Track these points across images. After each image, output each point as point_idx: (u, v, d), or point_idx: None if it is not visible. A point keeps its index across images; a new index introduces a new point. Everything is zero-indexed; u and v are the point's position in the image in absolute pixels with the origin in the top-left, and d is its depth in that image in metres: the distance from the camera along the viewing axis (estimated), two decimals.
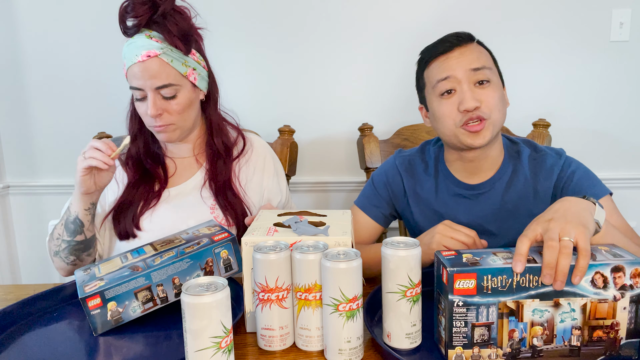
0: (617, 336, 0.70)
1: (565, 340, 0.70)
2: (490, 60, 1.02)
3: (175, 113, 1.05)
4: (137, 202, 1.11)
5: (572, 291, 0.69)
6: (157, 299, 0.83)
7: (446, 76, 0.98)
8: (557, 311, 0.70)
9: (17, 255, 1.85)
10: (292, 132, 1.52)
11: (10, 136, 1.77)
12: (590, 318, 0.70)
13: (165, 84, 1.02)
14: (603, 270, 0.69)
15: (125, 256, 0.92)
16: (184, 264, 0.84)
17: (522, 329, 0.70)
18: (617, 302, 0.69)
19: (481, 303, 0.69)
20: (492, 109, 0.97)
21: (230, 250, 0.87)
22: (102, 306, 0.80)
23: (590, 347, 0.71)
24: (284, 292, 0.74)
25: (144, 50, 1.00)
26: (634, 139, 1.69)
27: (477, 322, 0.69)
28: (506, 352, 0.70)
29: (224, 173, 1.13)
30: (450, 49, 0.99)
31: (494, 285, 0.69)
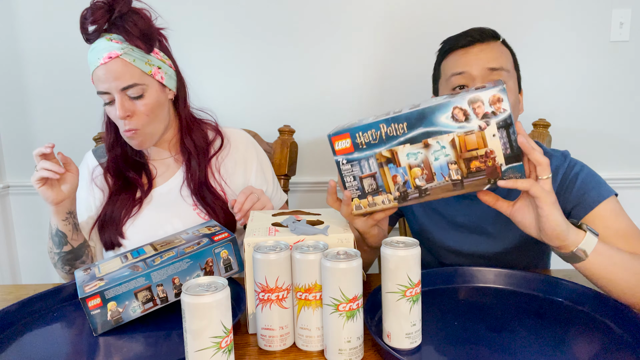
0: (496, 163, 0.73)
1: (444, 176, 0.75)
2: (511, 62, 1.00)
3: (144, 114, 1.04)
4: (119, 211, 1.11)
5: (436, 130, 0.74)
6: (157, 299, 0.83)
7: (461, 71, 0.97)
8: (429, 151, 0.75)
9: (17, 255, 1.85)
10: (292, 132, 1.52)
11: (10, 136, 1.77)
12: (463, 151, 0.73)
13: (130, 84, 1.01)
14: (460, 105, 0.72)
15: (125, 256, 0.92)
16: (184, 264, 0.84)
17: (402, 173, 0.77)
18: (484, 131, 0.72)
19: (361, 157, 0.78)
20: None
21: (230, 250, 0.88)
22: (102, 306, 0.80)
23: (472, 179, 0.75)
24: (284, 292, 0.74)
25: (105, 53, 1.00)
26: (634, 139, 1.69)
27: (363, 174, 0.79)
28: (396, 195, 0.78)
29: (198, 173, 1.13)
30: (471, 43, 0.98)
31: (366, 140, 0.77)
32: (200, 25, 1.65)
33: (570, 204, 0.97)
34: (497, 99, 0.70)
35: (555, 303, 0.87)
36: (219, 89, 1.69)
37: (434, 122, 0.73)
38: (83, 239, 1.10)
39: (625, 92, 1.66)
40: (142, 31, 1.02)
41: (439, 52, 1.06)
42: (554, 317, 0.81)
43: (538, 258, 1.11)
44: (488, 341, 0.74)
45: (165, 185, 1.15)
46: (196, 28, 1.65)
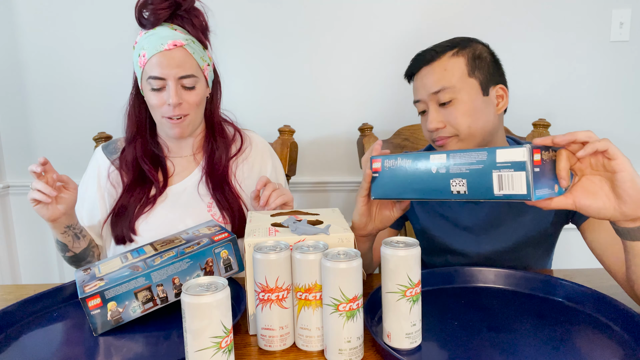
0: None
1: None
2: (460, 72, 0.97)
3: (194, 105, 1.07)
4: (133, 206, 1.11)
5: None
6: (157, 299, 0.83)
7: (416, 99, 1.03)
8: None
9: (17, 255, 1.85)
10: (292, 132, 1.52)
11: (10, 136, 1.77)
12: None
13: (188, 74, 1.04)
14: None
15: (125, 256, 0.92)
16: (184, 264, 0.84)
17: None
18: None
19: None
20: (458, 127, 0.98)
21: (230, 250, 0.88)
22: (102, 306, 0.80)
23: None
24: (284, 292, 0.74)
25: (169, 40, 1.03)
26: (634, 139, 1.69)
27: None
28: None
29: (221, 169, 1.14)
30: (418, 69, 1.02)
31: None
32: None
33: None
34: None
35: (555, 303, 0.87)
36: None
37: None
38: (87, 244, 1.11)
39: (625, 92, 1.66)
40: (203, 27, 1.07)
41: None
42: (554, 317, 0.81)
43: (540, 259, 1.11)
44: (488, 341, 0.74)
45: (182, 184, 1.15)
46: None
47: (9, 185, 1.80)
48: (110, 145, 1.21)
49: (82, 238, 1.09)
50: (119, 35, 1.68)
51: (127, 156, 1.14)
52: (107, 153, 1.19)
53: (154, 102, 1.06)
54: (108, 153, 1.19)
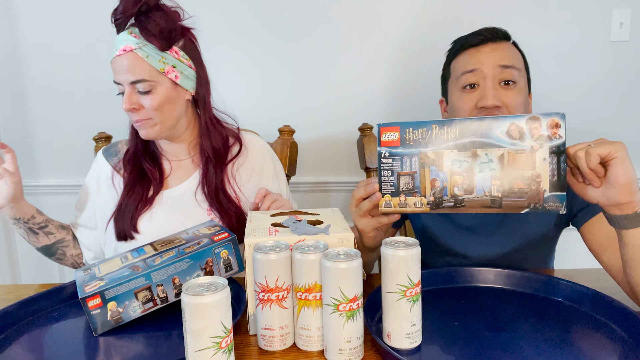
0: (540, 188, 0.71)
1: (485, 190, 0.73)
2: (522, 63, 0.99)
3: (151, 109, 1.04)
4: (133, 203, 1.11)
5: (488, 142, 0.72)
6: (157, 299, 0.83)
7: (472, 69, 0.96)
8: (475, 161, 0.73)
9: (17, 255, 1.85)
10: (292, 132, 1.52)
11: (10, 136, 1.77)
12: (509, 168, 0.72)
13: (139, 79, 1.03)
14: (518, 122, 0.71)
15: (125, 256, 0.92)
16: (184, 264, 0.84)
17: (443, 178, 0.74)
18: (536, 152, 0.70)
19: (404, 154, 0.76)
20: (513, 112, 0.94)
21: (231, 251, 0.88)
22: (102, 306, 0.80)
23: (512, 199, 0.72)
24: (284, 292, 0.74)
25: (122, 45, 1.03)
26: (634, 139, 1.69)
27: (402, 172, 0.77)
28: (430, 200, 0.76)
29: (214, 178, 1.12)
30: (483, 42, 0.97)
31: (415, 137, 0.75)
32: (200, 26, 1.65)
33: (578, 205, 0.97)
34: (555, 124, 0.69)
35: (555, 303, 0.87)
36: (219, 89, 1.69)
37: (488, 134, 0.72)
38: (52, 241, 1.12)
39: (625, 92, 1.66)
40: (162, 29, 1.03)
41: (450, 51, 1.05)
42: (554, 317, 0.81)
43: (542, 260, 1.11)
44: (488, 341, 0.74)
45: (181, 187, 1.14)
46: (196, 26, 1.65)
47: None
48: (111, 148, 1.21)
49: (41, 234, 1.10)
50: None
51: (129, 154, 1.15)
52: (107, 156, 1.19)
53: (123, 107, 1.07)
54: (109, 156, 1.19)
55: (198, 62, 1.12)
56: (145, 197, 1.12)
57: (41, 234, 1.10)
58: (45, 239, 1.11)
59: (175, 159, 1.17)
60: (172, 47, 1.06)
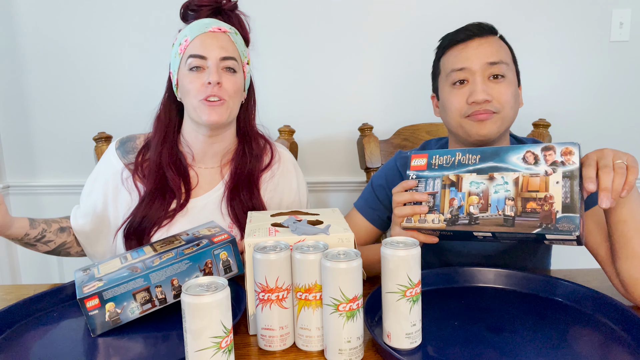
0: (552, 209, 0.74)
1: (499, 209, 0.78)
2: (509, 56, 1.01)
3: (231, 90, 1.04)
4: (151, 219, 1.05)
5: (505, 167, 0.79)
6: (155, 300, 0.83)
7: (461, 67, 0.97)
8: (491, 183, 0.79)
9: (17, 255, 1.86)
10: (292, 132, 1.52)
11: (10, 136, 1.77)
12: (523, 190, 0.76)
13: (230, 55, 1.04)
14: (534, 149, 0.77)
15: (125, 257, 0.92)
16: (183, 265, 0.84)
17: (461, 197, 0.82)
18: (549, 176, 0.75)
19: (429, 176, 0.85)
20: (504, 105, 0.96)
21: (230, 252, 0.87)
22: (100, 307, 0.80)
23: (524, 219, 0.76)
24: (284, 292, 0.74)
25: (215, 25, 1.05)
26: (634, 139, 1.69)
27: (425, 191, 0.85)
28: (447, 217, 0.82)
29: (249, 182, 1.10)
30: (469, 37, 0.98)
31: (440, 162, 0.85)
32: None
33: None
34: (569, 151, 0.75)
35: (555, 303, 0.87)
36: None
37: (505, 160, 0.79)
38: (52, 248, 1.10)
39: (625, 92, 1.66)
40: (245, 28, 1.12)
41: (438, 48, 1.06)
42: (554, 317, 0.81)
43: (540, 258, 1.11)
44: (488, 341, 0.74)
45: (204, 197, 1.09)
46: None
47: (9, 185, 1.80)
48: (128, 143, 1.15)
49: (39, 245, 1.07)
50: (120, 35, 1.68)
51: (152, 160, 1.09)
52: (122, 152, 1.13)
53: (192, 85, 1.02)
54: (124, 152, 1.13)
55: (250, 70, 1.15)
56: (167, 211, 1.06)
57: (39, 245, 1.07)
58: (44, 247, 1.08)
59: (203, 167, 1.12)
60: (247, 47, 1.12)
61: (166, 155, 1.09)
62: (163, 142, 1.10)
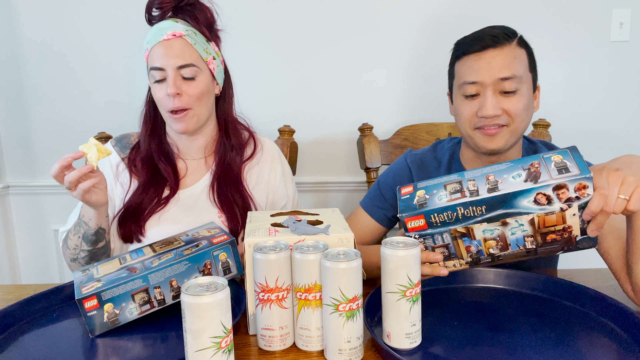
0: (572, 235, 0.73)
1: (519, 246, 0.75)
2: (525, 65, 0.98)
3: (194, 97, 1.05)
4: (146, 205, 1.09)
5: (516, 212, 0.73)
6: (154, 301, 0.83)
7: (473, 81, 0.97)
8: (506, 228, 0.74)
9: (17, 255, 1.85)
10: (292, 132, 1.52)
11: (10, 136, 1.77)
12: (541, 227, 0.73)
13: (187, 63, 1.04)
14: (544, 191, 0.71)
15: (124, 257, 0.92)
16: (182, 266, 0.83)
17: (477, 244, 0.77)
18: (565, 212, 0.72)
19: (434, 232, 0.77)
20: (514, 118, 0.96)
21: (229, 253, 0.87)
22: (98, 308, 0.80)
23: (546, 247, 0.75)
24: (284, 292, 0.74)
25: (169, 31, 1.04)
26: (634, 139, 1.69)
27: (436, 245, 0.78)
28: (468, 260, 0.79)
29: (232, 173, 1.12)
30: (483, 49, 0.96)
31: (441, 219, 0.76)
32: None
33: None
34: (582, 186, 0.70)
35: (555, 303, 0.87)
36: None
37: (515, 205, 0.73)
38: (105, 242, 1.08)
39: (625, 92, 1.66)
40: (207, 21, 1.09)
41: (453, 52, 1.05)
42: (554, 317, 0.81)
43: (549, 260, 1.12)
44: (488, 341, 0.74)
45: (193, 188, 1.13)
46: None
47: (9, 185, 1.80)
48: (124, 139, 1.19)
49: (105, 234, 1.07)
50: (119, 35, 1.68)
51: (142, 154, 1.14)
52: (120, 147, 1.17)
53: (158, 95, 1.06)
54: (122, 147, 1.17)
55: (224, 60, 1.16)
56: (160, 198, 1.10)
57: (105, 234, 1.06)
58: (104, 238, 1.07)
59: (190, 159, 1.16)
60: (212, 40, 1.11)
61: (155, 148, 1.14)
62: (151, 137, 1.14)
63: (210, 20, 1.10)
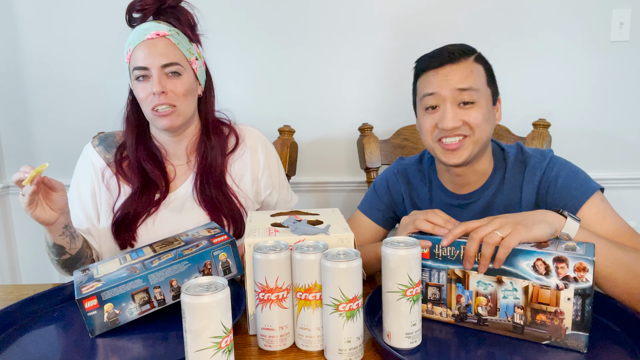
0: (562, 325, 0.72)
1: (508, 315, 0.75)
2: (483, 79, 1.00)
3: (180, 94, 1.06)
4: (140, 212, 1.10)
5: (514, 272, 0.74)
6: (154, 301, 0.83)
7: (432, 92, 0.99)
8: (500, 287, 0.75)
9: (17, 255, 1.85)
10: (292, 132, 1.52)
11: (10, 136, 1.77)
12: (533, 300, 0.73)
13: (171, 61, 1.05)
14: (545, 258, 0.72)
15: (124, 257, 0.92)
16: (182, 266, 0.83)
17: (468, 296, 0.78)
18: (561, 291, 0.72)
19: (433, 267, 0.80)
20: (474, 129, 0.98)
21: (229, 253, 0.87)
22: (98, 308, 0.80)
23: (533, 329, 0.74)
24: (284, 292, 0.74)
25: (152, 30, 1.04)
26: (634, 139, 1.69)
27: (430, 282, 0.81)
28: (455, 313, 0.80)
29: (216, 171, 1.13)
30: (440, 65, 0.99)
31: (444, 253, 0.79)
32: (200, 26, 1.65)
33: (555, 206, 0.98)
34: (582, 267, 0.70)
35: None
36: (220, 89, 1.69)
37: (514, 264, 0.74)
38: (81, 244, 1.08)
39: (625, 92, 1.66)
40: (190, 22, 1.10)
41: (414, 70, 1.08)
42: None
43: None
44: (488, 341, 0.74)
45: (181, 189, 1.14)
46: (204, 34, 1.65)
47: (9, 186, 1.80)
48: (109, 138, 1.18)
49: (76, 238, 1.06)
50: (119, 35, 1.68)
51: (132, 160, 1.13)
52: (104, 146, 1.16)
53: (141, 95, 1.06)
54: (106, 146, 1.16)
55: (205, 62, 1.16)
56: (152, 202, 1.11)
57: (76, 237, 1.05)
58: (78, 242, 1.06)
59: (177, 160, 1.17)
60: (194, 42, 1.11)
61: (142, 152, 1.14)
62: (137, 141, 1.14)
63: (191, 22, 1.11)
